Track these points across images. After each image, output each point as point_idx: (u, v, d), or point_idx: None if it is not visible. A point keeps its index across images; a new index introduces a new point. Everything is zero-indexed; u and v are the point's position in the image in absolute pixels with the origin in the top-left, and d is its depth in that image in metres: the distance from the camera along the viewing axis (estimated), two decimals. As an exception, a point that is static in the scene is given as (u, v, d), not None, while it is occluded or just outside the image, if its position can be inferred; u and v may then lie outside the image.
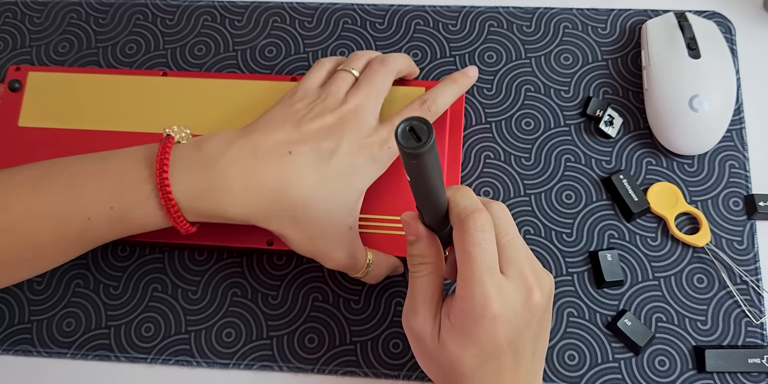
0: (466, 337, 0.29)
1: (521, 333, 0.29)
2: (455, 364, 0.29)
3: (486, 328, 0.28)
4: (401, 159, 0.26)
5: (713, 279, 0.40)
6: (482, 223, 0.29)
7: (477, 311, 0.28)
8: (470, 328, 0.29)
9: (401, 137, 0.24)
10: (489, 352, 0.29)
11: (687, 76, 0.41)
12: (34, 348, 0.41)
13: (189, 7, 0.50)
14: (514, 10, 0.48)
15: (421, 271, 0.31)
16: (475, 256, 0.28)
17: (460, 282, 0.29)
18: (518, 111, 0.45)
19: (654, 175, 0.43)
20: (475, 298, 0.28)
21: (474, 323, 0.28)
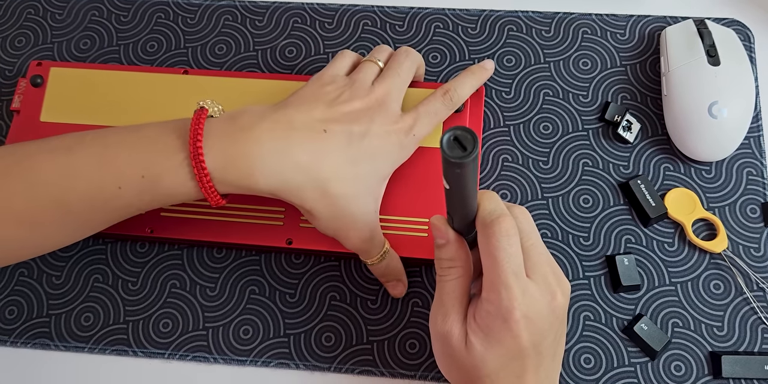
0: (492, 339, 0.29)
1: (545, 335, 0.30)
2: (479, 365, 0.29)
3: (512, 330, 0.29)
4: (443, 166, 0.26)
5: (730, 285, 0.40)
6: (507, 227, 0.29)
7: (503, 313, 0.29)
8: (496, 329, 0.29)
9: (447, 147, 0.24)
10: (513, 354, 0.29)
11: (706, 83, 0.41)
12: (52, 342, 0.41)
13: (210, 6, 0.50)
14: (533, 15, 0.48)
15: (451, 275, 0.31)
16: (502, 260, 0.29)
17: (487, 285, 0.29)
18: (537, 115, 0.45)
19: (671, 181, 0.43)
20: (501, 301, 0.29)
21: (500, 325, 0.29)
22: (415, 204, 0.41)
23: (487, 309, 0.29)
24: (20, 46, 0.50)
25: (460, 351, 0.30)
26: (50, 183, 0.33)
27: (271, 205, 0.41)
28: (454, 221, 0.32)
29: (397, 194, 0.41)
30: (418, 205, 0.40)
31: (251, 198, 0.41)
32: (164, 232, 0.41)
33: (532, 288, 0.29)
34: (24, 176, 0.33)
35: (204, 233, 0.41)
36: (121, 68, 0.46)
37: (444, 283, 0.32)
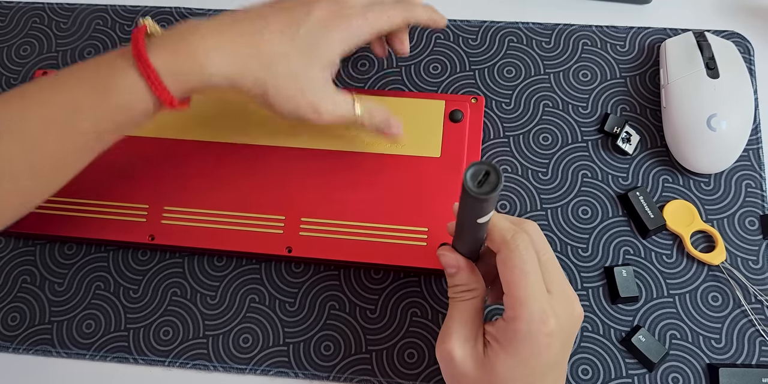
0: (517, 358, 0.29)
1: (565, 349, 0.30)
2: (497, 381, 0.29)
3: (540, 346, 0.28)
4: (462, 199, 0.26)
5: (728, 297, 0.40)
6: (525, 244, 0.29)
7: (533, 329, 0.28)
8: (523, 347, 0.29)
9: (471, 183, 0.24)
10: (539, 371, 0.29)
11: (705, 95, 0.42)
12: (54, 348, 0.42)
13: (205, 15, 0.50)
14: (533, 26, 0.48)
15: (464, 297, 0.32)
16: (528, 274, 0.29)
17: (511, 302, 0.29)
18: (536, 126, 0.45)
19: (670, 193, 0.43)
20: (532, 316, 0.28)
21: (528, 342, 0.29)
22: (413, 213, 0.41)
23: (514, 327, 0.29)
24: (25, 54, 0.50)
25: (474, 372, 0.30)
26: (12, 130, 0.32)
27: (272, 213, 0.42)
28: (462, 248, 0.32)
29: (395, 204, 0.41)
30: (416, 214, 0.41)
31: (251, 206, 0.42)
32: (165, 240, 0.42)
33: (555, 302, 0.29)
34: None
35: (205, 241, 0.42)
36: (124, 77, 0.46)
37: (457, 304, 0.32)
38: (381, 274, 0.42)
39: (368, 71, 0.48)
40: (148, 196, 0.43)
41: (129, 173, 0.43)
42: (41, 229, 0.43)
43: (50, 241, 0.44)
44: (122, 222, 0.42)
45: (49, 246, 0.44)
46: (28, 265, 0.44)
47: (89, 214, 0.43)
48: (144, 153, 0.44)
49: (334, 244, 0.41)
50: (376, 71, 0.48)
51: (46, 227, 0.43)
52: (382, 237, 0.41)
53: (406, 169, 0.42)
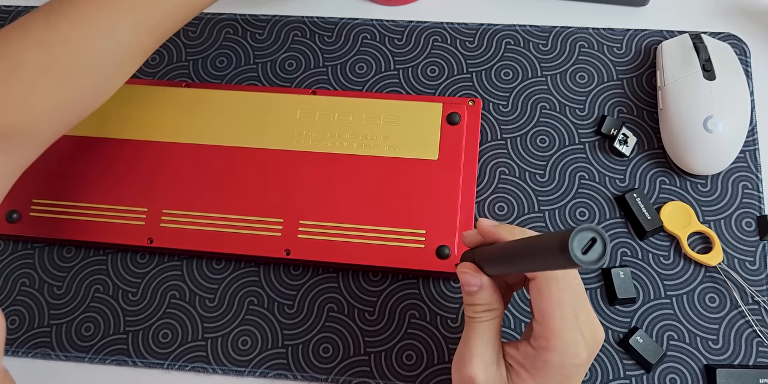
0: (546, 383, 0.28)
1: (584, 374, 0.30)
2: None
3: (571, 376, 0.28)
4: (541, 252, 0.24)
5: (725, 298, 0.41)
6: (565, 271, 0.29)
7: (566, 362, 0.28)
8: (552, 377, 0.28)
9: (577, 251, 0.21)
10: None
11: (702, 97, 0.42)
12: (53, 351, 0.42)
13: (212, 19, 0.51)
14: (530, 29, 0.48)
15: (484, 317, 0.31)
16: (564, 305, 0.28)
17: (545, 332, 0.29)
18: (533, 128, 0.45)
19: (667, 194, 0.43)
20: (566, 349, 0.28)
21: (560, 373, 0.28)
22: (411, 216, 0.41)
23: (546, 359, 0.28)
24: (25, 58, 0.50)
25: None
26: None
27: (270, 215, 0.42)
28: (493, 271, 0.30)
29: (393, 206, 0.41)
30: (414, 216, 0.41)
31: (249, 208, 0.42)
32: (164, 243, 0.42)
33: (584, 329, 0.29)
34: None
35: (203, 244, 0.42)
36: (123, 81, 0.46)
37: (477, 325, 0.30)
38: (379, 277, 0.42)
39: (366, 74, 0.48)
40: (146, 199, 0.43)
41: (128, 176, 0.43)
42: (40, 232, 0.43)
43: (49, 244, 0.44)
44: (121, 225, 0.42)
45: (47, 249, 0.44)
46: (27, 269, 0.44)
47: (88, 218, 0.43)
48: (143, 156, 0.44)
49: (333, 247, 0.41)
50: (374, 74, 0.48)
51: (44, 230, 0.43)
52: (381, 239, 0.41)
53: (404, 172, 0.42)
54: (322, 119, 0.44)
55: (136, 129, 0.45)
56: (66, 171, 0.44)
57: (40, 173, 0.44)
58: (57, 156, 0.44)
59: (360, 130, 0.43)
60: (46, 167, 0.44)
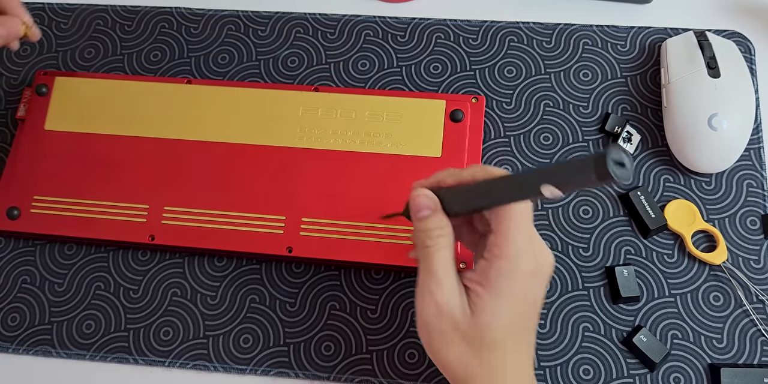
0: (502, 299, 0.29)
1: (542, 295, 0.30)
2: (486, 331, 0.29)
3: (524, 285, 0.29)
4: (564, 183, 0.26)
5: (729, 297, 0.40)
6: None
7: (518, 270, 0.29)
8: (507, 286, 0.29)
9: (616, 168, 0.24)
10: (524, 313, 0.29)
11: (706, 94, 0.42)
12: (54, 349, 0.42)
13: (214, 16, 0.50)
14: (534, 26, 0.48)
15: (440, 244, 0.30)
16: (520, 214, 0.29)
17: (499, 239, 0.29)
18: (537, 126, 0.45)
19: (671, 193, 0.43)
20: (518, 253, 0.29)
21: (512, 281, 0.29)
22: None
23: (498, 266, 0.29)
24: (25, 55, 0.50)
25: (462, 321, 0.29)
26: None
27: (272, 213, 0.41)
28: (457, 205, 0.31)
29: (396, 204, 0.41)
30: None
31: (251, 206, 0.42)
32: (165, 240, 0.42)
33: (537, 249, 0.30)
34: None
35: (205, 241, 0.42)
36: (125, 78, 0.46)
37: (435, 254, 0.30)
38: (381, 274, 0.42)
39: (369, 71, 0.48)
40: (148, 196, 0.42)
41: (129, 173, 0.43)
42: (41, 229, 0.43)
43: (50, 241, 0.44)
44: (122, 222, 0.42)
45: (49, 246, 0.44)
46: (27, 266, 0.44)
47: (89, 214, 0.42)
48: (144, 153, 0.44)
49: (335, 244, 0.41)
50: (377, 71, 0.48)
51: (46, 227, 0.43)
52: (383, 237, 0.41)
53: (407, 169, 0.42)
54: (324, 116, 0.44)
55: (138, 125, 0.44)
56: (67, 167, 0.44)
57: (41, 170, 0.44)
58: (58, 152, 0.44)
59: (363, 127, 0.43)
60: (47, 164, 0.44)
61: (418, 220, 0.32)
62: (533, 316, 0.31)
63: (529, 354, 0.31)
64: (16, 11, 0.41)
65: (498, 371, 0.30)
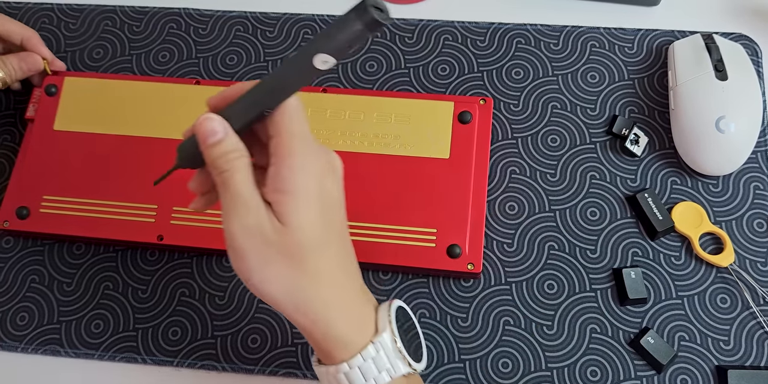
0: (300, 196, 0.29)
1: (340, 188, 0.31)
2: (298, 234, 0.28)
3: (321, 178, 0.29)
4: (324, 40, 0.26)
5: (736, 299, 0.40)
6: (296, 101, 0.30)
7: (311, 161, 0.29)
8: (300, 182, 0.29)
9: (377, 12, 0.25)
10: (327, 208, 0.30)
11: (714, 97, 0.42)
12: (63, 348, 0.42)
13: (222, 17, 0.51)
14: (541, 28, 0.48)
15: (238, 165, 0.29)
16: (298, 118, 0.29)
17: (282, 142, 0.29)
18: (544, 127, 0.45)
19: (678, 195, 0.43)
20: (304, 149, 0.29)
21: (307, 175, 0.29)
22: (422, 214, 0.41)
23: (290, 164, 0.29)
24: (35, 55, 0.50)
25: (277, 234, 0.28)
26: None
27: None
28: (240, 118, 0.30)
29: (404, 205, 0.41)
30: (424, 215, 0.41)
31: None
32: (174, 240, 0.42)
33: (318, 149, 0.30)
34: None
35: (213, 241, 0.42)
36: (133, 78, 0.46)
37: (235, 175, 0.29)
38: (389, 275, 0.42)
39: (376, 72, 0.48)
40: (156, 197, 0.43)
41: (138, 173, 0.43)
42: (50, 228, 0.43)
43: (59, 241, 0.44)
44: (131, 222, 0.42)
45: (57, 246, 0.44)
46: (36, 265, 0.44)
47: (98, 214, 0.43)
48: (153, 153, 0.44)
49: (343, 245, 0.41)
50: (384, 72, 0.48)
51: (54, 227, 0.43)
52: (391, 238, 0.41)
53: (415, 171, 0.42)
54: (333, 117, 0.44)
55: (147, 126, 0.45)
56: (76, 168, 0.44)
57: (51, 170, 0.44)
58: (67, 152, 0.44)
59: (371, 128, 0.43)
60: (56, 164, 0.44)
61: (210, 146, 0.29)
62: (338, 217, 0.31)
63: (352, 263, 0.31)
64: (37, 49, 0.45)
65: (323, 276, 0.29)
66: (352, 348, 0.29)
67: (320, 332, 0.30)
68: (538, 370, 0.39)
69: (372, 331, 0.30)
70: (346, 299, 0.30)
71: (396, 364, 0.30)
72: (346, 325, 0.30)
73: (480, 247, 0.40)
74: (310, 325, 0.30)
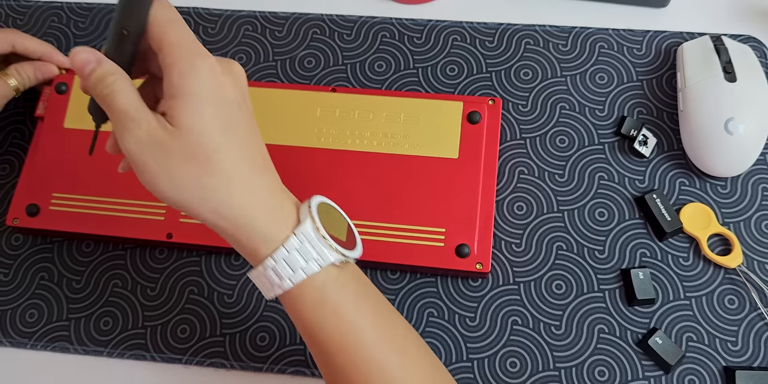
0: (195, 97, 0.28)
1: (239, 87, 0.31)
2: (196, 136, 0.29)
3: (215, 78, 0.29)
4: None
5: (744, 300, 0.41)
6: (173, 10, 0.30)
7: (200, 62, 0.29)
8: (198, 84, 0.28)
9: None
10: (224, 107, 0.29)
11: (723, 99, 0.42)
12: (72, 345, 0.42)
13: (231, 16, 0.51)
14: (550, 29, 0.48)
15: (118, 86, 0.29)
16: (178, 23, 0.30)
17: (166, 51, 0.29)
18: (553, 128, 0.45)
19: (687, 196, 0.43)
20: (190, 52, 0.29)
21: (199, 75, 0.29)
22: (430, 214, 0.41)
23: (180, 70, 0.28)
24: (44, 53, 0.50)
25: (169, 140, 0.29)
26: None
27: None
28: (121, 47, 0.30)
29: (413, 204, 0.41)
30: (433, 214, 0.41)
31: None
32: (183, 238, 0.42)
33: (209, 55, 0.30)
34: None
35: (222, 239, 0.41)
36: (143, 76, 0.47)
37: (117, 96, 0.29)
38: (398, 275, 0.42)
39: (385, 72, 0.48)
40: (166, 195, 0.43)
41: (147, 172, 0.43)
42: (59, 226, 0.43)
43: (68, 238, 0.45)
44: (140, 220, 0.42)
45: (67, 243, 0.44)
46: (46, 263, 0.44)
47: (107, 212, 0.43)
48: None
49: (352, 244, 0.41)
50: (393, 72, 0.48)
51: (64, 225, 0.43)
52: (400, 237, 0.41)
53: (424, 170, 0.42)
54: (342, 117, 0.44)
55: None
56: (86, 165, 0.44)
57: (61, 167, 0.44)
58: (77, 150, 0.44)
59: (380, 127, 0.43)
60: (66, 162, 0.44)
61: (87, 76, 0.30)
62: (241, 119, 0.30)
63: (266, 168, 0.31)
64: (54, 59, 0.46)
65: (233, 176, 0.29)
66: (276, 242, 0.29)
67: (243, 234, 0.30)
68: (546, 370, 0.40)
69: (294, 223, 0.30)
70: (263, 197, 0.30)
71: (323, 253, 0.29)
72: (266, 221, 0.30)
73: (489, 246, 0.40)
74: (233, 228, 0.30)
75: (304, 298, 0.30)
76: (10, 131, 0.48)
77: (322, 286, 0.30)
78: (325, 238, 0.29)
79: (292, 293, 0.30)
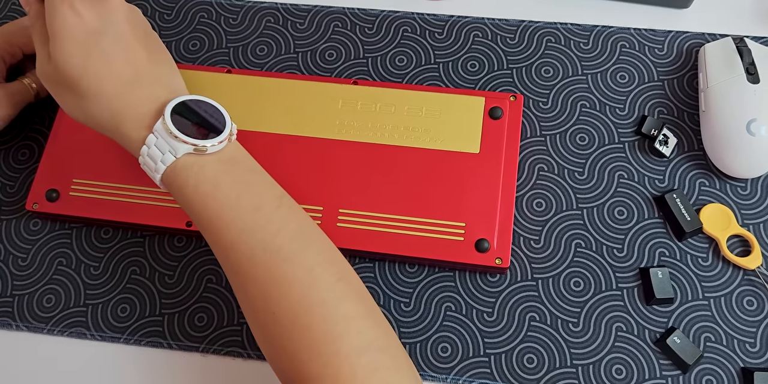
0: (57, 38, 0.34)
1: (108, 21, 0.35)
2: (63, 65, 0.34)
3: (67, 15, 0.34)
4: None
5: (763, 302, 0.40)
6: None
7: (57, 8, 0.34)
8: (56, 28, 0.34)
9: None
10: (84, 36, 0.34)
11: (745, 100, 0.42)
12: (88, 331, 0.42)
13: (253, 7, 0.51)
14: (572, 27, 0.49)
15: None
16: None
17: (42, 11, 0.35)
18: (573, 126, 0.45)
19: (707, 196, 0.43)
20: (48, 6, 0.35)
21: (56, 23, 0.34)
22: (451, 208, 0.41)
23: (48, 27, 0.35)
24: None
25: (53, 70, 0.35)
26: None
27: (310, 203, 0.42)
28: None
29: (433, 198, 0.41)
30: (453, 209, 0.41)
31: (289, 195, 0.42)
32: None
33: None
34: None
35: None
36: (165, 65, 0.47)
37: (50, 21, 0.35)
38: (416, 268, 0.42)
39: (406, 67, 0.48)
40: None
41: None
42: (79, 212, 0.43)
43: (87, 224, 0.45)
44: (159, 207, 0.43)
45: (85, 229, 0.44)
46: (64, 248, 0.44)
47: (127, 199, 0.43)
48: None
49: (371, 236, 0.41)
50: (414, 67, 0.48)
51: (83, 210, 0.43)
52: (419, 230, 0.41)
53: (445, 164, 0.42)
54: (364, 109, 0.44)
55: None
56: (106, 151, 0.44)
57: (81, 153, 0.44)
58: (98, 136, 0.44)
59: (402, 121, 0.43)
60: (87, 148, 0.44)
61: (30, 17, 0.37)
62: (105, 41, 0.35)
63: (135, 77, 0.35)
64: None
65: (98, 94, 0.35)
66: (139, 141, 0.35)
67: (121, 138, 0.35)
68: (563, 367, 0.40)
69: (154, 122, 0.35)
70: (127, 108, 0.35)
71: (174, 145, 0.34)
72: (134, 126, 0.35)
73: (508, 242, 0.40)
74: (111, 134, 0.36)
75: (173, 185, 0.35)
76: (30, 116, 0.48)
77: (181, 171, 0.34)
78: (171, 132, 0.34)
79: (167, 182, 0.35)
